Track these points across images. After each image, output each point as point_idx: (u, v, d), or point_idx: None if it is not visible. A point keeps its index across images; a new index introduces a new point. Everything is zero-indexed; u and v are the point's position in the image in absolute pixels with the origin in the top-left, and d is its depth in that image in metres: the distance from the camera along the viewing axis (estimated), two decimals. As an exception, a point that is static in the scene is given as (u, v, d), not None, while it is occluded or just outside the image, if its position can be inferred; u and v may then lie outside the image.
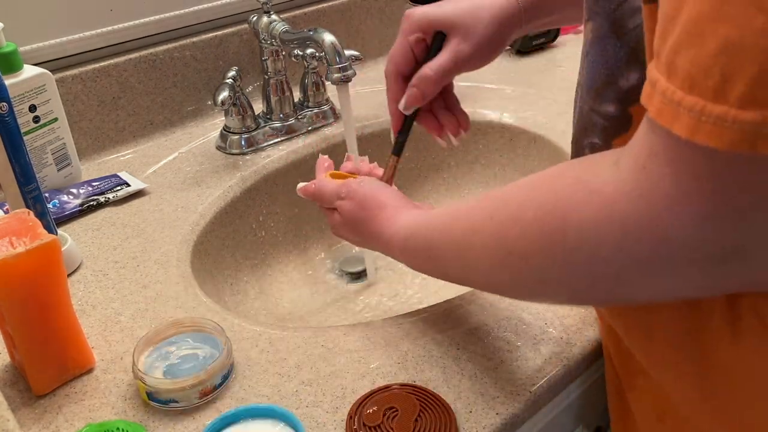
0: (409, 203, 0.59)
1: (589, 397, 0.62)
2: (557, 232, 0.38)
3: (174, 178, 0.83)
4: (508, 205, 0.43)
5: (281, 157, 0.88)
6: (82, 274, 0.67)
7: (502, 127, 0.95)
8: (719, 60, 0.29)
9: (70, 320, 0.54)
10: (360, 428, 0.49)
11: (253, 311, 0.78)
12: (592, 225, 0.36)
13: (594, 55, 0.46)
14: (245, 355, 0.56)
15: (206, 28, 0.94)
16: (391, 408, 0.50)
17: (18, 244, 0.50)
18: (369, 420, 0.49)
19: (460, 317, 0.59)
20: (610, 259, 0.36)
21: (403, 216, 0.56)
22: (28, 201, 0.62)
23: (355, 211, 0.60)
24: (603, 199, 0.36)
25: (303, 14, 1.01)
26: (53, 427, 0.51)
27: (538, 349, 0.56)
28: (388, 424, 0.49)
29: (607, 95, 0.46)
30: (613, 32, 0.44)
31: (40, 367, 0.53)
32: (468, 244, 0.47)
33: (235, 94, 0.85)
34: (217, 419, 0.49)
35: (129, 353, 0.56)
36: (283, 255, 0.87)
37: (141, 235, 0.73)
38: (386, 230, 0.57)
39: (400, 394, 0.51)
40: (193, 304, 0.63)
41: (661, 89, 0.31)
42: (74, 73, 0.83)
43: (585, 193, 0.37)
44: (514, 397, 0.52)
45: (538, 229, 0.40)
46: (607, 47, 0.45)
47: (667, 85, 0.31)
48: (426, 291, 0.84)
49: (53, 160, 0.79)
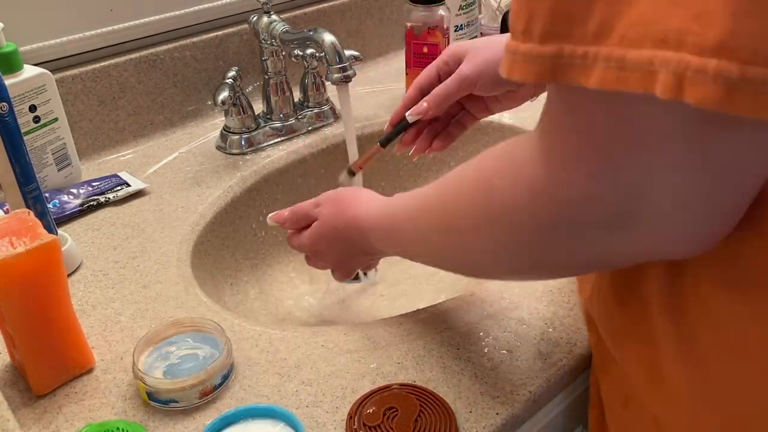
0: (379, 195, 0.62)
1: (589, 397, 0.62)
2: (484, 203, 0.41)
3: (174, 178, 0.83)
4: (448, 181, 0.46)
5: (281, 157, 0.88)
6: (82, 274, 0.67)
7: (502, 127, 0.95)
8: (524, 4, 0.32)
9: (70, 320, 0.54)
10: (360, 428, 0.49)
11: (253, 311, 0.78)
12: (509, 191, 0.38)
13: None
14: (245, 355, 0.56)
15: (206, 28, 0.94)
16: (391, 408, 0.50)
17: (18, 244, 0.50)
18: (369, 420, 0.49)
19: (460, 317, 0.59)
20: (524, 224, 0.38)
21: (377, 201, 0.60)
22: (28, 201, 0.62)
23: (332, 208, 0.63)
24: (516, 165, 0.38)
25: (303, 14, 1.01)
26: (53, 427, 0.51)
27: (538, 349, 0.56)
28: (388, 424, 0.49)
29: None
30: None
31: (40, 367, 0.53)
32: (418, 221, 0.50)
33: (235, 94, 0.85)
34: (217, 419, 0.49)
35: (129, 353, 0.56)
36: (283, 255, 0.87)
37: (141, 235, 0.73)
38: (360, 218, 0.60)
39: (400, 394, 0.51)
40: (193, 304, 0.63)
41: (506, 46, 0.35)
42: (74, 73, 0.83)
43: (506, 161, 0.39)
44: (514, 397, 0.52)
45: (471, 200, 0.42)
46: None
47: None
48: (426, 291, 0.84)
49: (53, 160, 0.79)
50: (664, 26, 0.28)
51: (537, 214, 0.37)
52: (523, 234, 0.39)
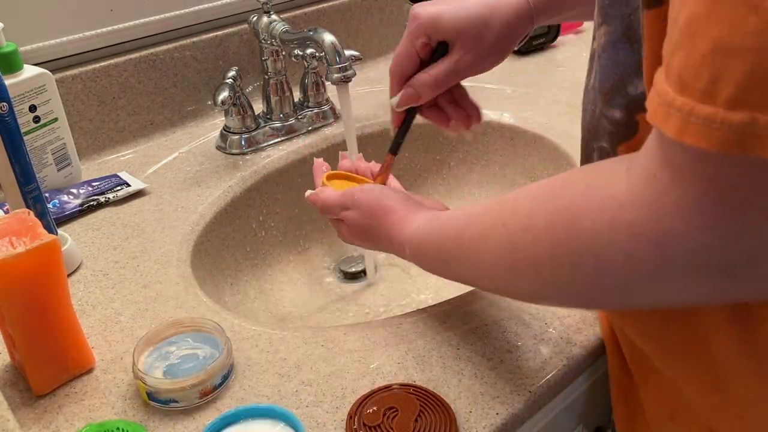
0: (416, 204, 0.58)
1: (589, 397, 0.62)
2: (568, 241, 0.38)
3: (174, 178, 0.83)
4: (518, 213, 0.43)
5: (281, 157, 0.88)
6: (82, 274, 0.67)
7: (502, 127, 0.95)
8: (709, 61, 0.28)
9: (70, 320, 0.54)
10: (360, 428, 0.49)
11: (253, 311, 0.78)
12: (601, 233, 0.36)
13: (606, 59, 0.46)
14: (245, 355, 0.56)
15: (206, 28, 0.94)
16: (391, 408, 0.50)
17: (18, 244, 0.50)
18: (369, 420, 0.49)
19: (460, 317, 0.59)
20: (617, 268, 0.36)
21: (413, 221, 0.55)
22: (28, 201, 0.62)
23: (361, 220, 0.59)
24: (613, 208, 0.35)
25: (303, 14, 1.01)
26: (53, 427, 0.51)
27: (538, 349, 0.56)
28: (388, 424, 0.49)
29: (615, 100, 0.45)
30: (627, 38, 0.44)
31: (40, 367, 0.53)
32: (478, 251, 0.46)
33: (235, 94, 0.85)
34: (217, 419, 0.49)
35: (129, 353, 0.56)
36: (283, 255, 0.87)
37: (141, 235, 0.73)
38: (396, 236, 0.56)
39: (400, 394, 0.51)
40: (193, 304, 0.63)
41: (657, 90, 0.31)
42: (74, 73, 0.83)
43: (597, 201, 0.36)
44: (514, 397, 0.52)
45: (549, 237, 0.39)
46: (619, 52, 0.44)
47: (663, 86, 0.31)
48: (426, 291, 0.84)
49: (53, 160, 0.79)
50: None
51: (635, 260, 0.35)
52: (612, 277, 0.37)
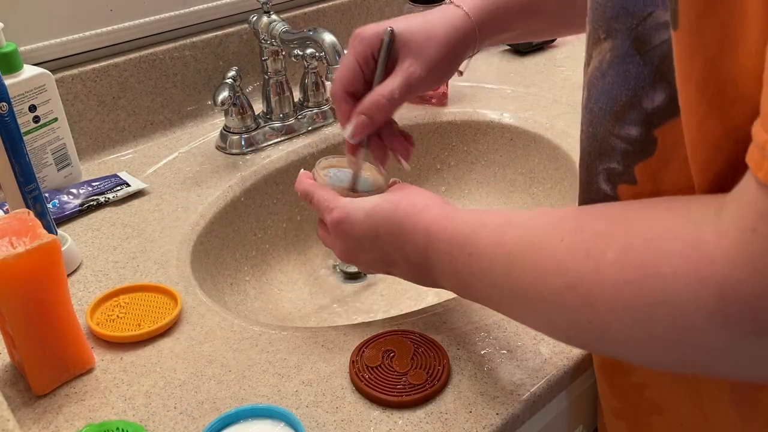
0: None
1: (589, 397, 0.62)
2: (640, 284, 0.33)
3: (174, 178, 0.83)
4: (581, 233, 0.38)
5: (281, 157, 0.88)
6: (82, 274, 0.67)
7: (502, 127, 0.95)
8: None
9: (70, 320, 0.54)
10: (364, 371, 0.53)
11: (253, 311, 0.78)
12: (684, 284, 0.32)
13: (613, 76, 0.42)
14: (245, 356, 0.56)
15: (206, 28, 0.94)
16: (388, 350, 0.55)
17: (18, 244, 0.50)
18: (370, 362, 0.54)
19: (459, 317, 0.59)
20: (698, 328, 0.32)
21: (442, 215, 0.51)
22: (28, 201, 0.62)
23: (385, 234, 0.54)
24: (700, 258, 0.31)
25: (303, 14, 1.01)
26: (53, 427, 0.51)
27: (538, 349, 0.56)
28: (388, 362, 0.54)
29: (629, 117, 0.42)
30: (636, 50, 0.40)
31: (40, 367, 0.53)
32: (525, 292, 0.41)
33: (235, 94, 0.85)
34: (217, 419, 0.49)
35: (129, 353, 0.56)
36: (283, 255, 0.87)
37: (141, 235, 0.73)
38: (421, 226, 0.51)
39: (395, 339, 0.56)
40: (193, 304, 0.63)
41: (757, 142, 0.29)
42: (74, 73, 0.83)
43: (679, 248, 0.32)
44: (514, 397, 0.52)
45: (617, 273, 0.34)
46: (629, 67, 0.41)
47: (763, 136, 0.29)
48: (426, 291, 0.84)
49: (53, 160, 0.79)
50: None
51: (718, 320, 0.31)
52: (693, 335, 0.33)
